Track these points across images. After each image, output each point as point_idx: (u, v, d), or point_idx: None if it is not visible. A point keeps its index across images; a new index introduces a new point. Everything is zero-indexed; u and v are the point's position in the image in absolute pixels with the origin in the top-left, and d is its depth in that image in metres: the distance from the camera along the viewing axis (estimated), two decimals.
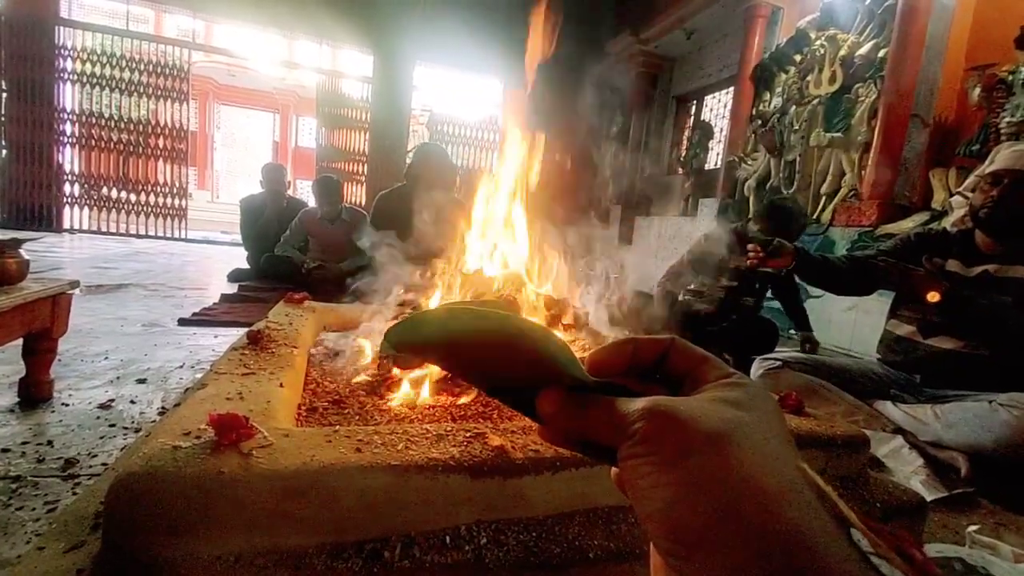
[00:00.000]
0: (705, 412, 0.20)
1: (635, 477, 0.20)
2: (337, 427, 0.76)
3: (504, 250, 1.47)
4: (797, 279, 2.39)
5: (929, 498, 1.20)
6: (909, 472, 1.39)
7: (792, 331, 3.62)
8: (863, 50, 3.63)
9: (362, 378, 1.13)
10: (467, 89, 8.06)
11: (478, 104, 7.98)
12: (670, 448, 0.20)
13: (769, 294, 2.76)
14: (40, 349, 1.42)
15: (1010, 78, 2.80)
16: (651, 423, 0.21)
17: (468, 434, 0.77)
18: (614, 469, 0.24)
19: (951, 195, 3.02)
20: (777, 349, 2.46)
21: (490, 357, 0.25)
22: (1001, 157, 1.55)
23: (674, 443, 0.20)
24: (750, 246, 1.80)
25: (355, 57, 7.53)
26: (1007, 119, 2.78)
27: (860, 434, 1.02)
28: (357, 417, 0.98)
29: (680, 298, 2.68)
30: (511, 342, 0.24)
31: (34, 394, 1.41)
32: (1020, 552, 1.01)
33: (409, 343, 0.26)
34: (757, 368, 1.79)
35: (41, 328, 1.39)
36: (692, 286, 2.68)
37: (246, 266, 4.17)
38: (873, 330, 2.10)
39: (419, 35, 6.72)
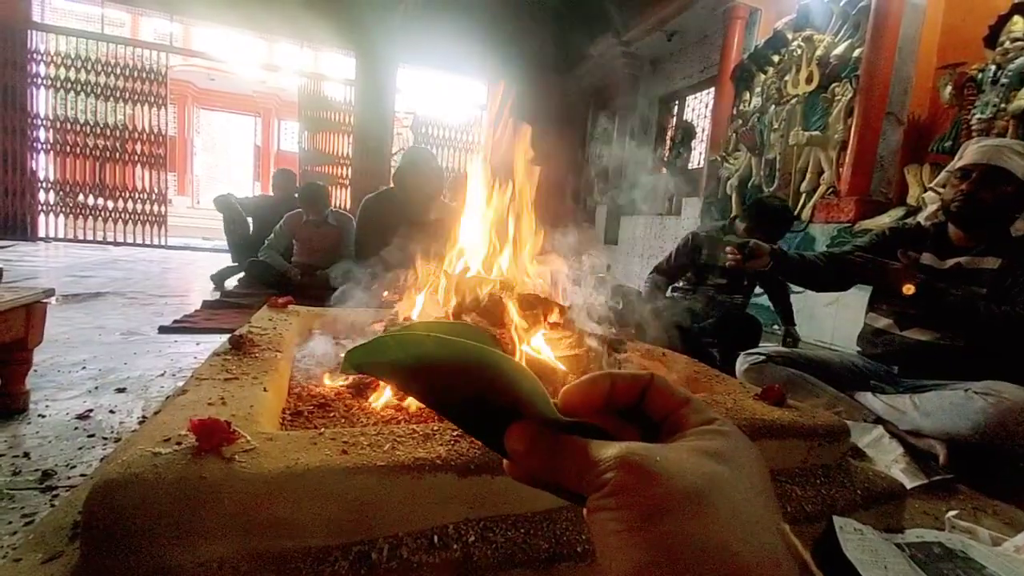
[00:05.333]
0: (682, 466, 0.19)
1: (603, 533, 0.19)
2: (322, 430, 0.76)
3: (492, 251, 1.46)
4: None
5: (909, 485, 1.23)
6: (889, 460, 1.42)
7: (776, 326, 3.68)
8: (838, 50, 3.71)
9: (348, 381, 1.12)
10: (451, 90, 8.05)
11: (462, 106, 7.97)
12: (642, 505, 0.18)
13: (758, 289, 2.80)
14: (14, 360, 1.38)
15: (980, 76, 2.88)
16: (623, 475, 0.19)
17: (455, 433, 0.77)
18: (585, 510, 0.22)
19: (925, 190, 3.10)
20: (761, 344, 2.49)
21: (456, 387, 0.24)
22: (969, 152, 1.60)
23: (647, 500, 0.18)
24: (728, 249, 1.82)
25: (337, 59, 7.48)
26: (977, 116, 2.85)
27: (841, 424, 1.04)
28: (343, 420, 0.97)
29: (668, 295, 2.71)
30: (479, 374, 0.23)
31: (9, 405, 1.38)
32: (998, 535, 1.04)
33: (371, 366, 0.25)
34: (742, 363, 1.81)
35: (15, 338, 1.35)
36: (680, 284, 2.71)
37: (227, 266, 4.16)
38: (853, 324, 2.14)
39: (402, 36, 6.70)
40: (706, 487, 0.18)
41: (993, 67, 2.82)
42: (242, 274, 3.97)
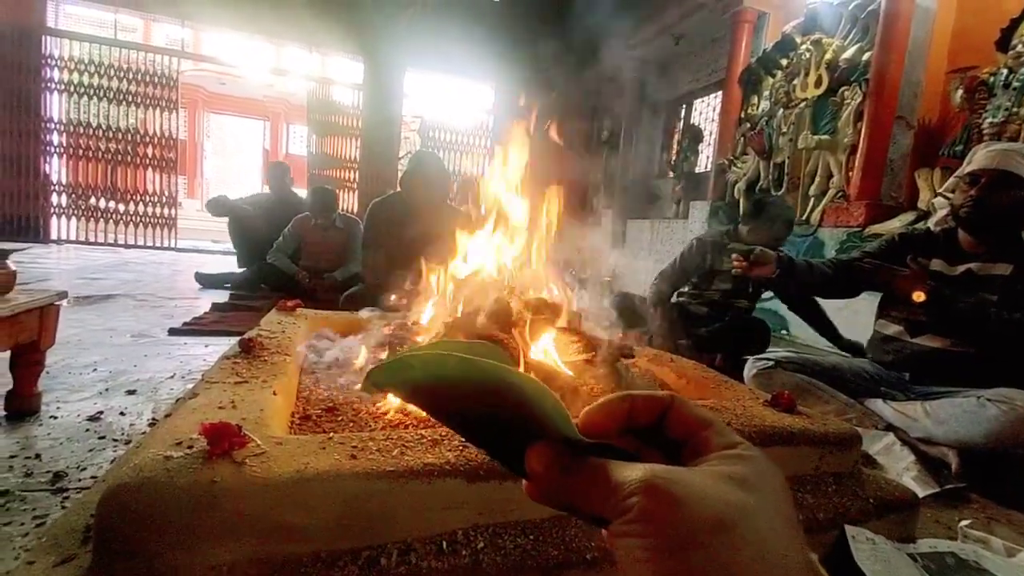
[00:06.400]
0: (707, 493, 0.19)
1: (627, 560, 0.19)
2: (331, 434, 0.76)
3: (499, 255, 1.47)
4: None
5: (921, 494, 1.21)
6: (901, 468, 1.40)
7: (784, 331, 3.65)
8: (847, 54, 3.69)
9: (356, 385, 1.12)
10: (458, 95, 8.08)
11: (469, 110, 8.00)
12: (668, 533, 0.18)
13: (767, 294, 2.76)
14: (27, 361, 1.39)
15: (991, 80, 2.86)
16: (648, 500, 0.19)
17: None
18: (605, 531, 0.21)
19: (936, 195, 3.07)
20: (769, 349, 2.47)
21: (477, 407, 0.24)
22: (978, 158, 1.59)
23: (673, 528, 0.18)
24: (733, 256, 1.81)
25: (345, 64, 7.53)
26: (989, 120, 2.83)
27: (852, 432, 1.03)
28: (352, 424, 0.97)
29: (674, 300, 2.69)
30: (501, 394, 0.23)
31: (21, 407, 1.39)
32: (1011, 545, 1.03)
33: (392, 386, 0.25)
34: (750, 368, 1.80)
35: (28, 340, 1.37)
36: (686, 288, 2.70)
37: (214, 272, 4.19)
38: (863, 330, 2.12)
39: (409, 41, 6.74)
40: (733, 517, 0.18)
41: (1005, 71, 2.80)
42: (233, 281, 3.99)
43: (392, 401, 1.05)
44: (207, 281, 4.00)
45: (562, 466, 0.22)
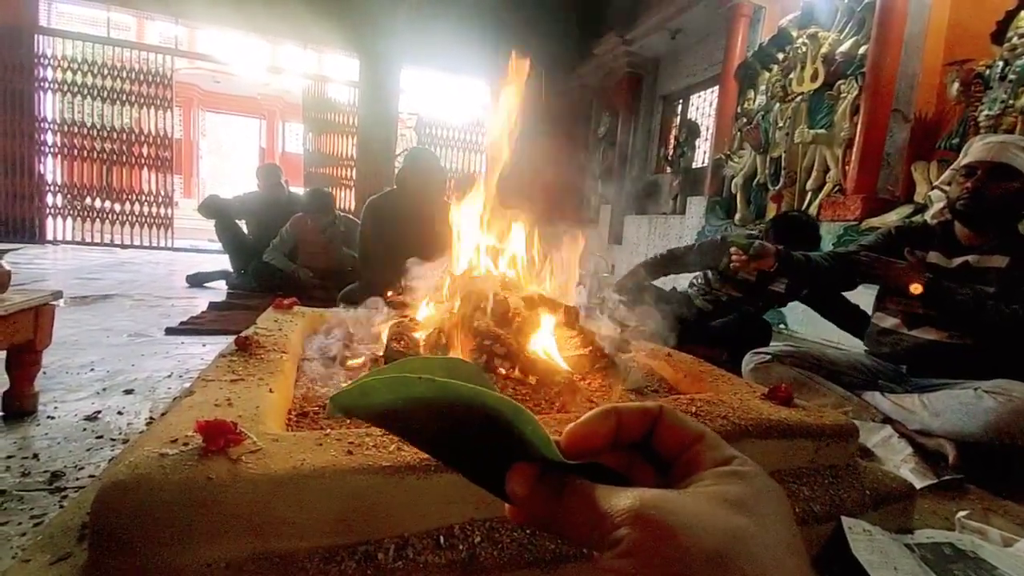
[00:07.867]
0: (703, 522, 0.18)
1: None
2: (328, 430, 0.76)
3: (496, 251, 1.47)
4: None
5: (918, 485, 1.21)
6: (898, 461, 1.41)
7: (782, 325, 3.66)
8: (844, 47, 3.68)
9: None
10: (454, 91, 8.06)
11: (465, 106, 7.98)
12: (662, 569, 0.17)
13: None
14: (23, 362, 1.39)
15: (987, 72, 2.86)
16: (639, 533, 0.18)
17: None
18: (596, 557, 0.20)
19: (932, 188, 3.07)
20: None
21: (451, 430, 0.23)
22: (974, 150, 1.59)
23: (667, 564, 0.17)
24: (732, 250, 1.80)
25: (341, 61, 7.50)
26: (985, 112, 2.83)
27: (849, 424, 1.04)
28: (349, 421, 0.97)
29: (682, 290, 2.68)
30: (476, 415, 0.22)
31: (18, 407, 1.39)
32: (1008, 535, 1.03)
33: (359, 410, 0.23)
34: (748, 362, 1.80)
35: (24, 340, 1.36)
36: (699, 280, 2.68)
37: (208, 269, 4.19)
38: None
39: (405, 38, 6.71)
40: (731, 546, 0.17)
41: (1001, 63, 2.80)
42: (226, 279, 3.98)
43: None
44: (195, 280, 4.00)
45: (544, 489, 0.21)
